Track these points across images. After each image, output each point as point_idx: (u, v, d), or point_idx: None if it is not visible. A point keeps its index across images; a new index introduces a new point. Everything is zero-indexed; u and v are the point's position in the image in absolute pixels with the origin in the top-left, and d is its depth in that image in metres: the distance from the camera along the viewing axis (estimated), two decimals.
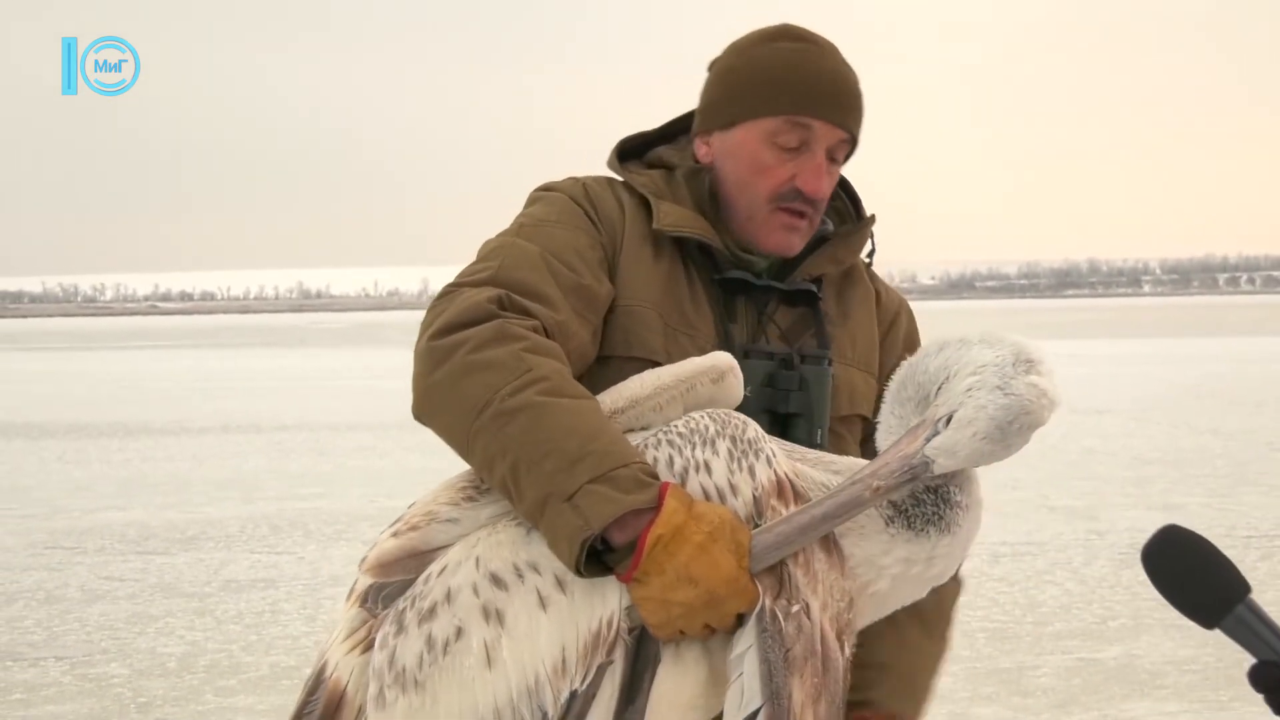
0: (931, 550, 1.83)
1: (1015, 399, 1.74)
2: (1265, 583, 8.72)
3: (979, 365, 1.77)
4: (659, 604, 1.72)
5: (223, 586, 9.06)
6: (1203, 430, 17.18)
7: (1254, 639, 1.59)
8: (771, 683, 1.67)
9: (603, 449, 1.77)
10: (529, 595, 1.76)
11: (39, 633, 7.94)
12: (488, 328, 1.88)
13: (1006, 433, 1.75)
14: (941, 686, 7.51)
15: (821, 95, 2.10)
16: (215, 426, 19.51)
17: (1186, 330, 56.02)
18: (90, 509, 12.26)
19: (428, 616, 1.78)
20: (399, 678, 1.77)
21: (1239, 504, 11.66)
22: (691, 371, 1.92)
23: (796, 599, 1.73)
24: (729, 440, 1.81)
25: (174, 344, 61.23)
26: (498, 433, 1.80)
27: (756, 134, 2.12)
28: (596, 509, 1.73)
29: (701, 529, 1.72)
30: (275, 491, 13.13)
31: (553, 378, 1.84)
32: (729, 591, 1.71)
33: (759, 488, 1.79)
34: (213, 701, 6.58)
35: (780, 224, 2.13)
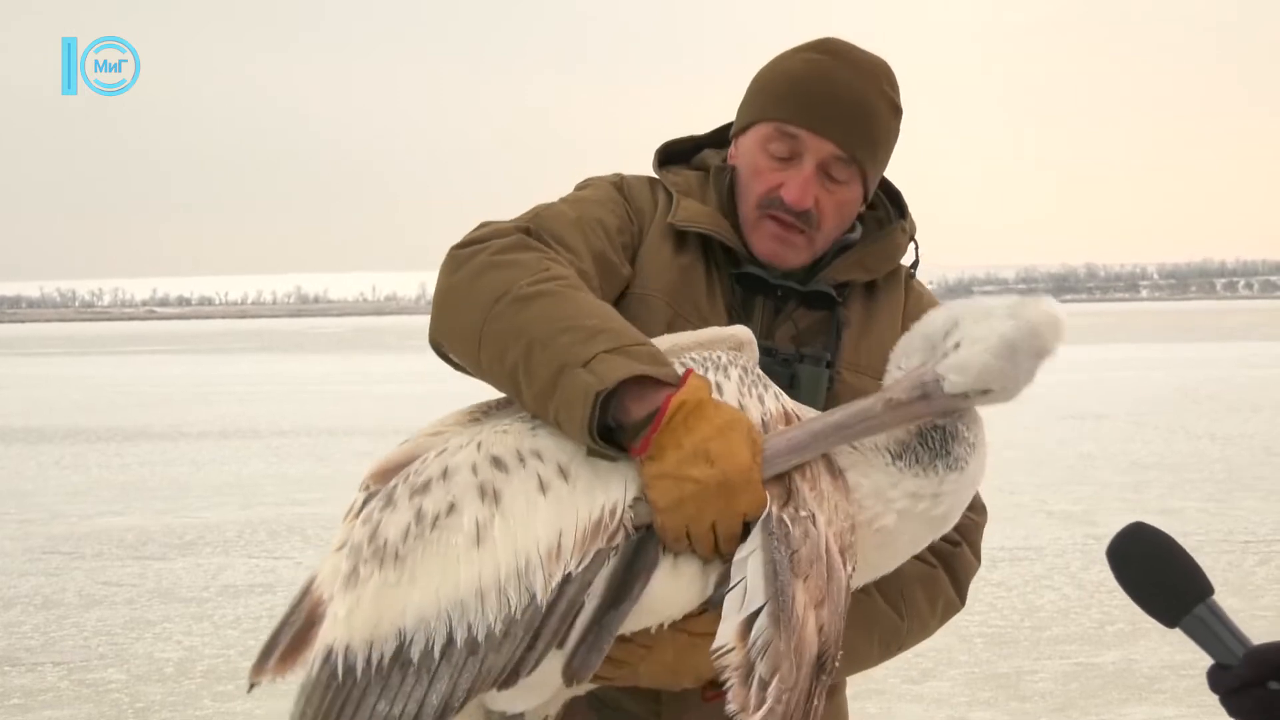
0: (939, 486, 1.83)
1: (1025, 321, 1.78)
2: (1262, 587, 8.73)
3: (988, 307, 1.83)
4: (673, 481, 1.67)
5: (220, 591, 9.06)
6: (1200, 435, 17.19)
7: (1213, 640, 1.60)
8: (776, 580, 1.64)
9: (621, 328, 1.78)
10: (529, 479, 1.71)
11: (36, 638, 7.94)
12: (510, 239, 1.92)
13: (1016, 350, 1.77)
14: (940, 691, 7.51)
15: (814, 108, 2.09)
16: (213, 432, 19.51)
17: (1184, 335, 56.06)
18: (88, 514, 12.27)
19: (420, 490, 1.73)
20: (378, 551, 1.71)
21: (1236, 509, 11.67)
22: (710, 337, 1.94)
23: (804, 507, 1.72)
24: (740, 369, 1.83)
25: (172, 349, 61.22)
26: (514, 317, 1.80)
27: (755, 139, 2.14)
28: (612, 369, 1.70)
29: (722, 414, 1.72)
30: (273, 496, 13.13)
31: (571, 278, 1.87)
32: (742, 480, 1.68)
33: (768, 413, 1.79)
34: (210, 707, 6.58)
35: (769, 232, 2.14)
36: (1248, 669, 1.57)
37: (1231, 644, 1.59)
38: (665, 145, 2.31)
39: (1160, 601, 1.62)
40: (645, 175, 2.27)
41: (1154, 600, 1.63)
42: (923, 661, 6.91)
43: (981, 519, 2.23)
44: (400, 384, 28.29)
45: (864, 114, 2.11)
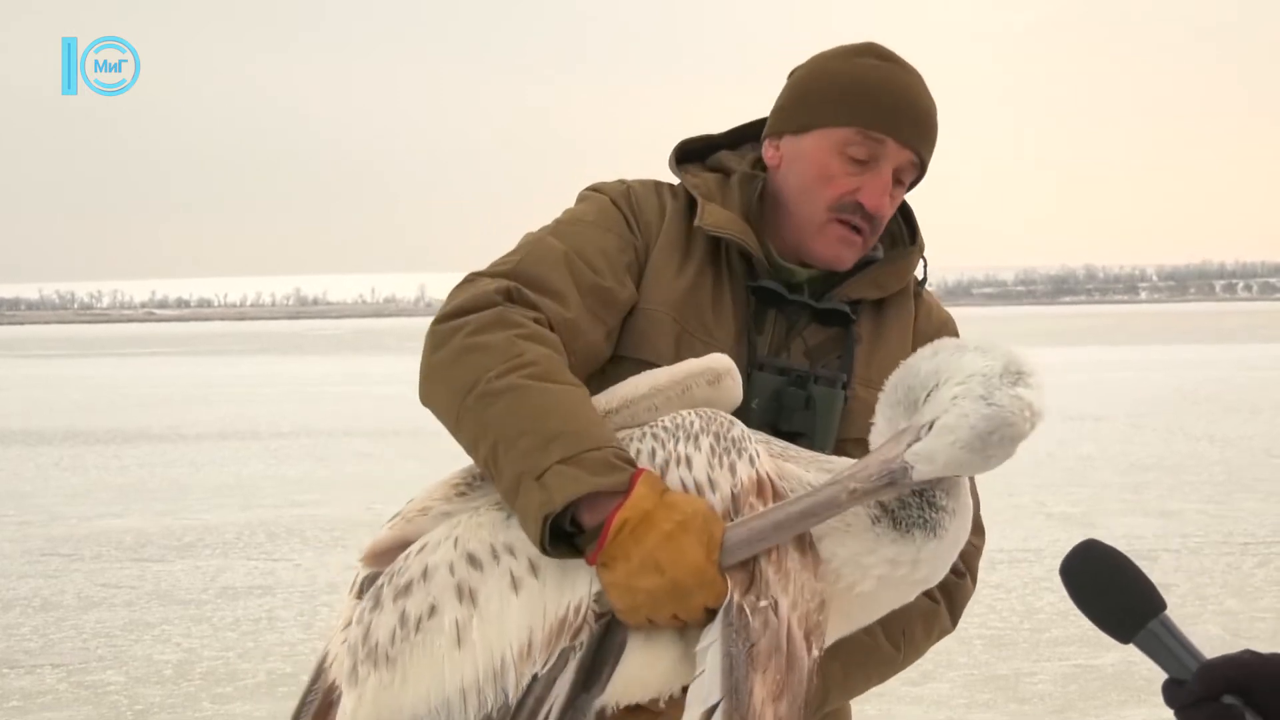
0: (917, 553, 1.80)
1: (997, 410, 1.72)
2: (1262, 589, 8.73)
3: (968, 374, 1.75)
4: (624, 590, 1.71)
5: (220, 593, 9.06)
6: (1199, 437, 17.19)
7: (1167, 656, 1.61)
8: (732, 677, 1.65)
9: (577, 430, 1.78)
10: (503, 577, 1.76)
11: (35, 640, 7.94)
12: (488, 314, 1.92)
13: (986, 443, 1.72)
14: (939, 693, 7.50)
15: (899, 114, 2.10)
16: (212, 433, 19.50)
17: (1183, 337, 56.08)
18: (87, 516, 12.26)
19: (403, 593, 1.79)
20: (371, 653, 1.78)
21: (1235, 510, 11.67)
22: (686, 373, 1.93)
23: (765, 595, 1.71)
24: (712, 437, 1.81)
25: (171, 351, 61.22)
26: (482, 413, 1.83)
27: (829, 142, 2.12)
28: (562, 487, 1.73)
29: (672, 518, 1.72)
30: (273, 498, 13.13)
31: (542, 363, 1.86)
32: (695, 582, 1.70)
33: (738, 484, 1.77)
34: (209, 709, 6.58)
35: (836, 235, 2.12)
36: (1201, 684, 1.57)
37: (1185, 659, 1.60)
38: (682, 144, 2.27)
39: (1114, 618, 1.63)
40: (651, 180, 2.24)
41: (1108, 617, 1.64)
42: (922, 663, 6.84)
43: (981, 543, 2.22)
44: (399, 385, 28.25)
45: (932, 118, 2.16)
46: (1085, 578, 1.64)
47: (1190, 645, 1.61)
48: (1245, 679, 1.58)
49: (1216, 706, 1.56)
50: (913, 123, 2.12)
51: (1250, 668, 1.59)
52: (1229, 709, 1.56)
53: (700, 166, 2.26)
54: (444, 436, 1.94)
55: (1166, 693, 1.61)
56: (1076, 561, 1.65)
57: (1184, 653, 1.60)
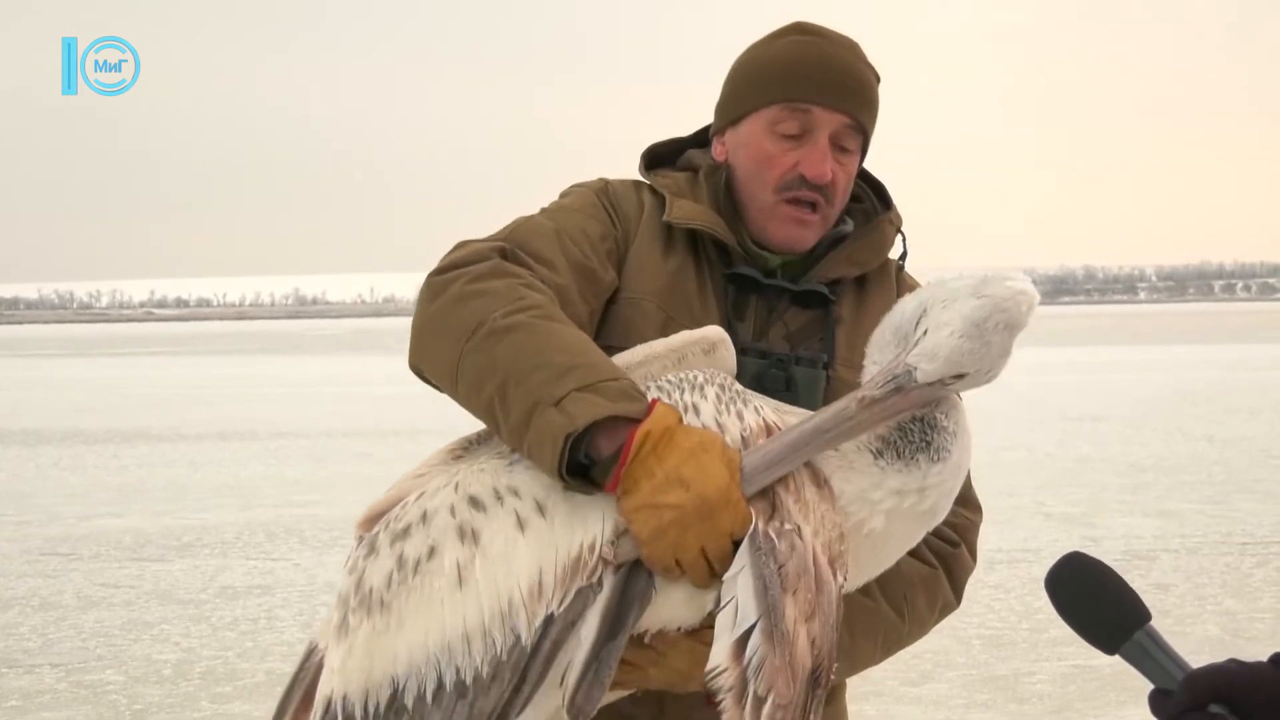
0: (923, 479, 1.80)
1: (989, 298, 1.75)
2: (1260, 589, 8.73)
3: (953, 289, 1.79)
4: (650, 511, 1.67)
5: (219, 593, 9.06)
6: (1198, 437, 17.20)
7: (1152, 666, 1.62)
8: (767, 596, 1.62)
9: (592, 363, 1.77)
10: (507, 517, 1.71)
11: (34, 639, 7.94)
12: (485, 265, 1.92)
13: (983, 329, 1.74)
14: (938, 693, 7.49)
15: (819, 80, 2.12)
16: (212, 433, 19.50)
17: (1182, 337, 56.09)
18: (86, 516, 12.26)
19: (401, 536, 1.74)
20: (364, 600, 1.72)
21: (1234, 510, 11.68)
22: (683, 342, 1.94)
23: (789, 520, 1.70)
24: (717, 387, 1.82)
25: (170, 351, 61.21)
26: (489, 351, 1.80)
27: (760, 125, 2.15)
28: (582, 410, 1.70)
29: (692, 438, 1.71)
30: (272, 498, 13.13)
31: (545, 306, 1.86)
32: (721, 499, 1.67)
33: (747, 429, 1.78)
34: (208, 708, 6.58)
35: (788, 216, 2.14)
36: (1188, 694, 1.59)
37: (1171, 669, 1.61)
38: (650, 148, 2.31)
39: (1099, 630, 1.65)
40: (630, 178, 2.27)
41: (1093, 629, 1.65)
42: (921, 663, 6.91)
43: (977, 518, 2.23)
44: (399, 385, 28.27)
45: (862, 83, 2.15)
46: (1070, 590, 1.66)
47: (1175, 655, 1.62)
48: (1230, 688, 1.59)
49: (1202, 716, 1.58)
50: (836, 86, 2.12)
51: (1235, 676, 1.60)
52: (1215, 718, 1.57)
53: (670, 168, 2.29)
54: (444, 437, 1.93)
55: (1153, 703, 1.62)
56: (1061, 574, 1.67)
57: (1170, 663, 1.62)
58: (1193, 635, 7.41)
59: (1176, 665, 1.61)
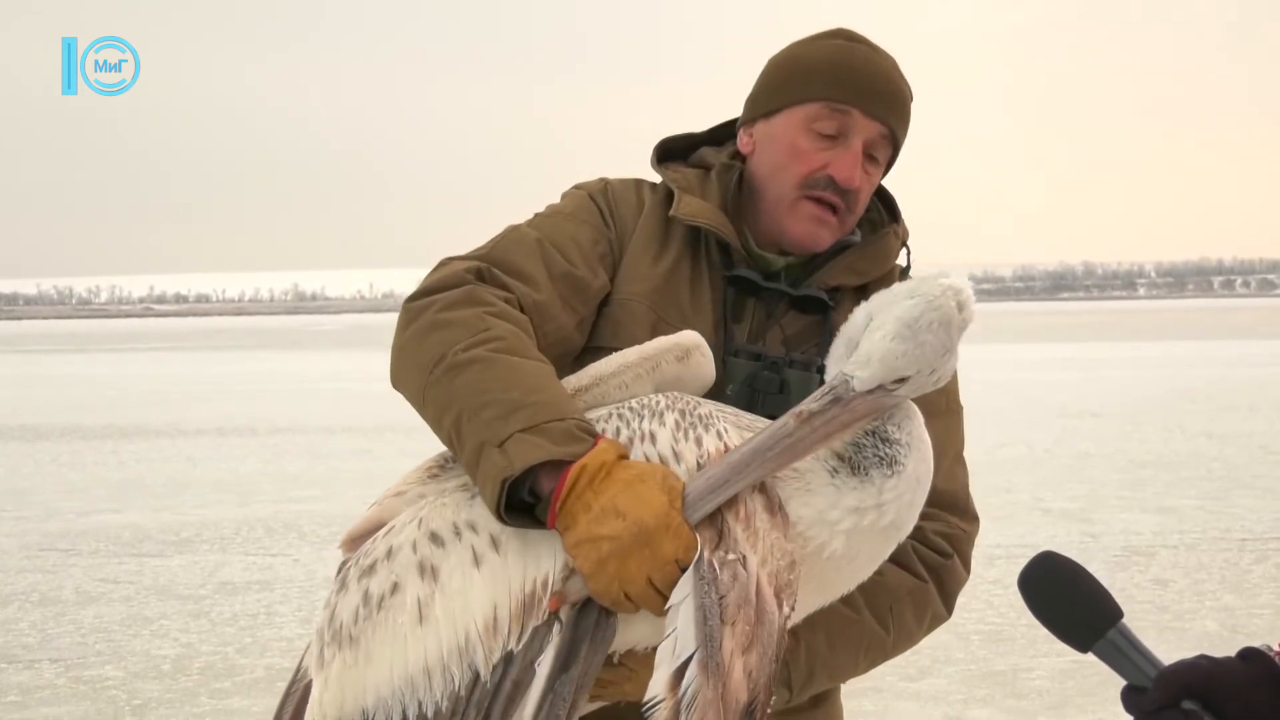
0: (879, 495, 1.78)
1: (920, 298, 1.73)
2: (1259, 585, 8.73)
3: (894, 295, 1.77)
4: (589, 544, 1.68)
5: (218, 589, 9.06)
6: (1197, 433, 17.20)
7: (1125, 663, 1.64)
8: (706, 627, 1.62)
9: (541, 401, 1.78)
10: (464, 553, 1.75)
11: (33, 635, 7.94)
12: (458, 292, 1.94)
13: (915, 329, 1.72)
14: (936, 688, 7.48)
15: (863, 86, 2.12)
16: (211, 429, 19.49)
17: (1181, 334, 56.09)
18: (85, 511, 12.26)
19: (367, 573, 1.79)
20: (336, 635, 1.78)
21: (1233, 507, 11.68)
22: (655, 349, 1.93)
23: (734, 550, 1.69)
24: (677, 413, 1.81)
25: (169, 346, 61.19)
26: (448, 385, 1.84)
27: (797, 119, 2.14)
28: (522, 453, 1.72)
29: (630, 470, 1.72)
30: (270, 494, 13.13)
31: (508, 338, 1.88)
32: (659, 524, 1.68)
33: (704, 455, 1.77)
34: (207, 704, 6.58)
35: (808, 214, 2.14)
36: (1160, 691, 1.61)
37: (1144, 666, 1.63)
38: (663, 142, 2.30)
39: (1072, 629, 1.66)
40: (631, 178, 2.27)
41: (1066, 627, 1.67)
42: (919, 659, 6.91)
43: (972, 529, 2.22)
44: None
45: (902, 98, 2.17)
46: (1043, 590, 1.67)
47: (1148, 653, 1.64)
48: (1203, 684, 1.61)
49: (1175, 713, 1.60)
50: (879, 95, 2.13)
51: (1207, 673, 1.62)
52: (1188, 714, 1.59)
53: (682, 164, 2.28)
54: None
55: (1126, 700, 1.64)
56: (1034, 574, 1.68)
57: (1142, 660, 1.64)
58: (1191, 631, 7.42)
59: (1149, 662, 1.63)
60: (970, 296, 1.75)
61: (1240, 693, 1.60)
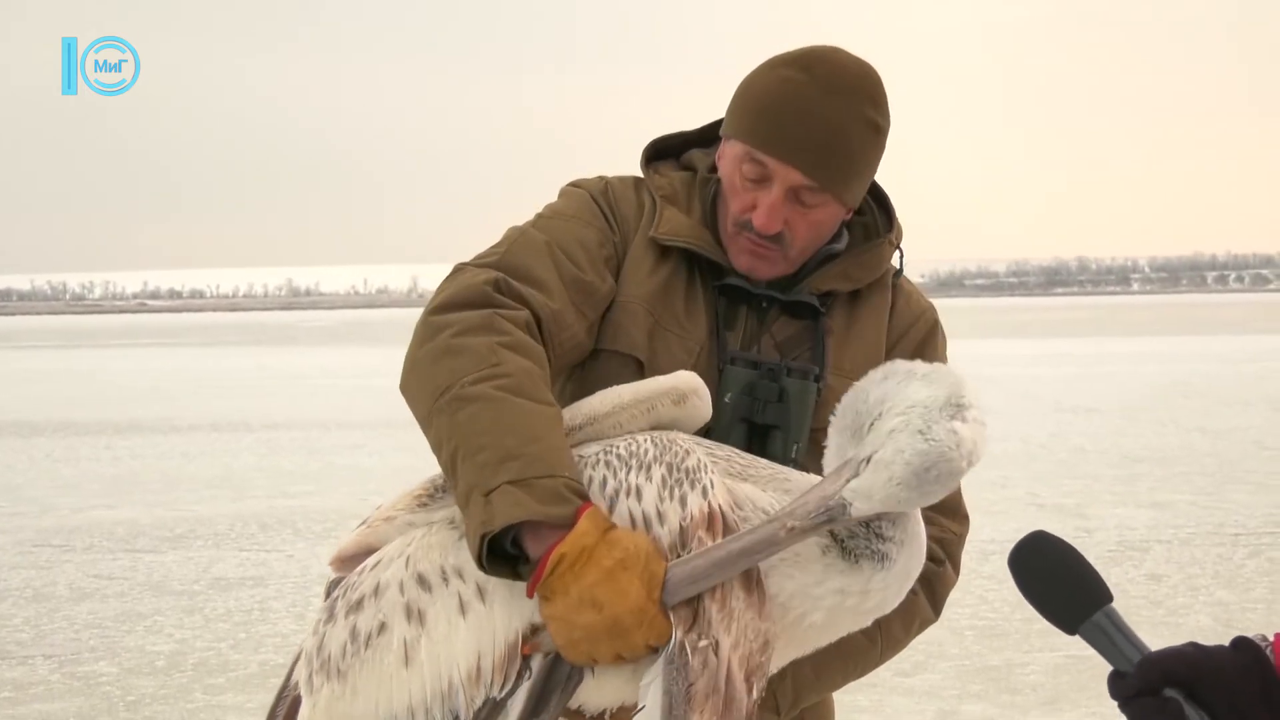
0: (866, 584, 1.78)
1: (934, 445, 1.69)
2: (1253, 580, 8.75)
3: (908, 405, 1.72)
4: (563, 624, 1.71)
5: (212, 584, 9.05)
6: (1191, 428, 17.22)
7: (1110, 647, 1.63)
8: (671, 716, 1.66)
9: (535, 454, 1.77)
10: (450, 599, 1.78)
11: (27, 631, 7.94)
12: (477, 315, 1.92)
13: (923, 480, 1.69)
14: (930, 683, 7.49)
15: (784, 136, 2.05)
16: (204, 425, 19.48)
17: (1175, 329, 56.13)
18: (79, 507, 12.25)
19: (355, 608, 1.82)
20: (325, 665, 1.82)
21: (1226, 502, 11.70)
22: (651, 392, 1.92)
23: (707, 635, 1.70)
24: (665, 467, 1.79)
25: (163, 342, 61.11)
26: (450, 417, 1.84)
27: (733, 155, 2.12)
28: (504, 509, 1.73)
29: (613, 555, 1.71)
30: (265, 490, 13.12)
31: (517, 375, 1.86)
32: (634, 621, 1.69)
33: (688, 518, 1.75)
34: (201, 700, 6.58)
35: (745, 248, 2.12)
36: (1142, 677, 1.59)
37: (1129, 651, 1.62)
38: (653, 143, 2.27)
39: (1059, 609, 1.66)
40: (632, 176, 2.24)
41: (1053, 607, 1.66)
42: (914, 654, 6.91)
43: (963, 530, 2.21)
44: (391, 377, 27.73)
45: (836, 142, 2.05)
46: (1033, 569, 1.67)
47: (1134, 637, 1.63)
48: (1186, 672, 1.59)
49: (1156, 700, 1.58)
50: (799, 143, 2.04)
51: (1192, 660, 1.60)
52: (1168, 702, 1.57)
53: (673, 164, 2.25)
54: None
55: (1111, 685, 1.63)
56: (1024, 553, 1.67)
57: (1128, 645, 1.62)
58: (1185, 626, 7.43)
59: (1134, 647, 1.62)
60: (983, 448, 1.73)
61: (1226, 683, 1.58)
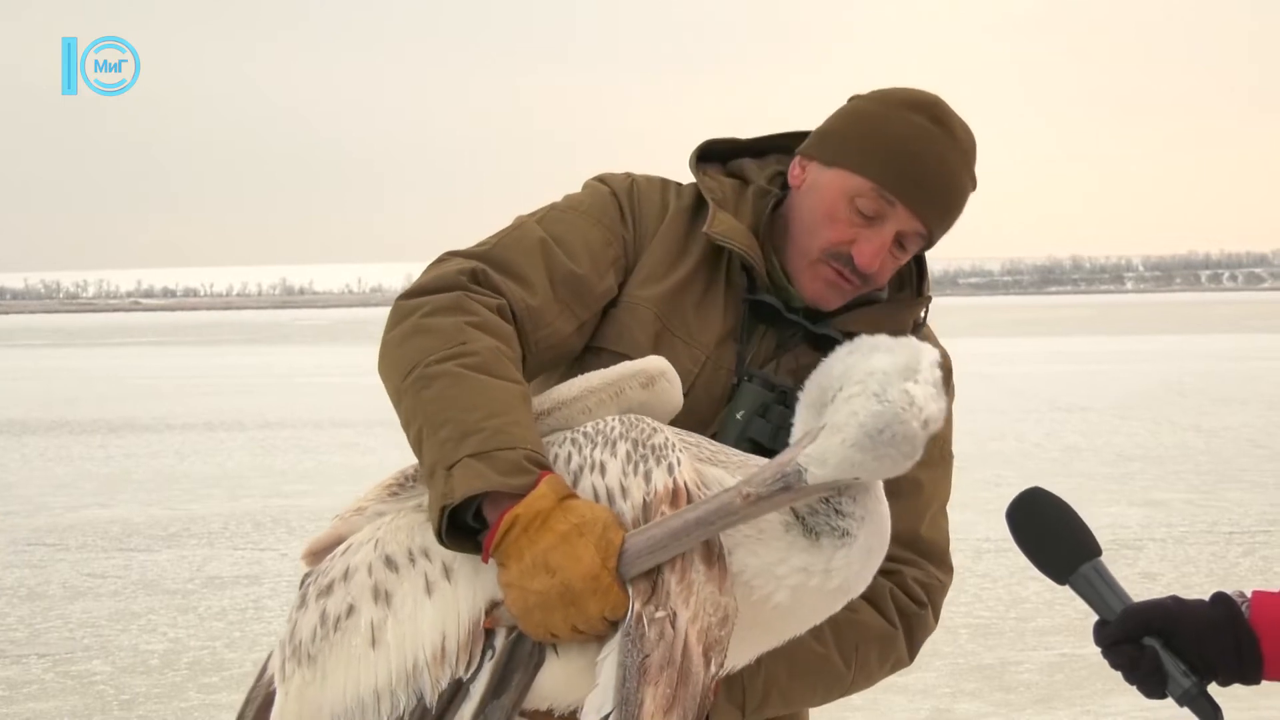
0: (828, 561, 1.76)
1: (886, 407, 1.66)
2: (1247, 578, 8.76)
3: (867, 373, 1.71)
4: (517, 590, 1.70)
5: (206, 583, 9.05)
6: (1185, 427, 17.24)
7: (1097, 598, 1.72)
8: (624, 688, 1.64)
9: (497, 428, 1.78)
10: (417, 579, 1.78)
11: (21, 630, 7.93)
12: (446, 297, 1.94)
13: (876, 441, 1.66)
14: (924, 682, 7.50)
15: (918, 180, 2.04)
16: (199, 423, 19.47)
17: (1169, 327, 56.21)
18: (73, 506, 12.24)
19: (325, 592, 1.82)
20: (296, 650, 1.82)
21: (1220, 500, 11.72)
22: (619, 375, 1.91)
23: (664, 606, 1.68)
24: (630, 443, 1.78)
25: (157, 340, 61.08)
26: (416, 396, 1.85)
27: (843, 185, 2.07)
28: (465, 481, 1.73)
29: (569, 520, 1.70)
30: (259, 488, 13.12)
31: (483, 354, 1.86)
32: (588, 587, 1.68)
33: (651, 493, 1.74)
34: (195, 699, 6.57)
35: (824, 276, 2.09)
36: (1121, 625, 1.69)
37: (1113, 602, 1.72)
38: (705, 144, 2.24)
39: (1051, 559, 1.75)
40: (658, 177, 2.22)
41: (1045, 558, 1.76)
42: None
43: (948, 580, 2.21)
44: None
45: (956, 199, 2.09)
46: (1027, 521, 1.77)
47: (1119, 589, 1.72)
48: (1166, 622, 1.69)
49: (1135, 647, 1.69)
50: (931, 195, 2.05)
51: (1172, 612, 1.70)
52: (1146, 649, 1.68)
53: (720, 169, 2.23)
54: None
55: (1095, 632, 1.73)
56: (1021, 506, 1.77)
57: (1113, 596, 1.72)
58: None
59: (1119, 598, 1.73)
60: (936, 410, 1.68)
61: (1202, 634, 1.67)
